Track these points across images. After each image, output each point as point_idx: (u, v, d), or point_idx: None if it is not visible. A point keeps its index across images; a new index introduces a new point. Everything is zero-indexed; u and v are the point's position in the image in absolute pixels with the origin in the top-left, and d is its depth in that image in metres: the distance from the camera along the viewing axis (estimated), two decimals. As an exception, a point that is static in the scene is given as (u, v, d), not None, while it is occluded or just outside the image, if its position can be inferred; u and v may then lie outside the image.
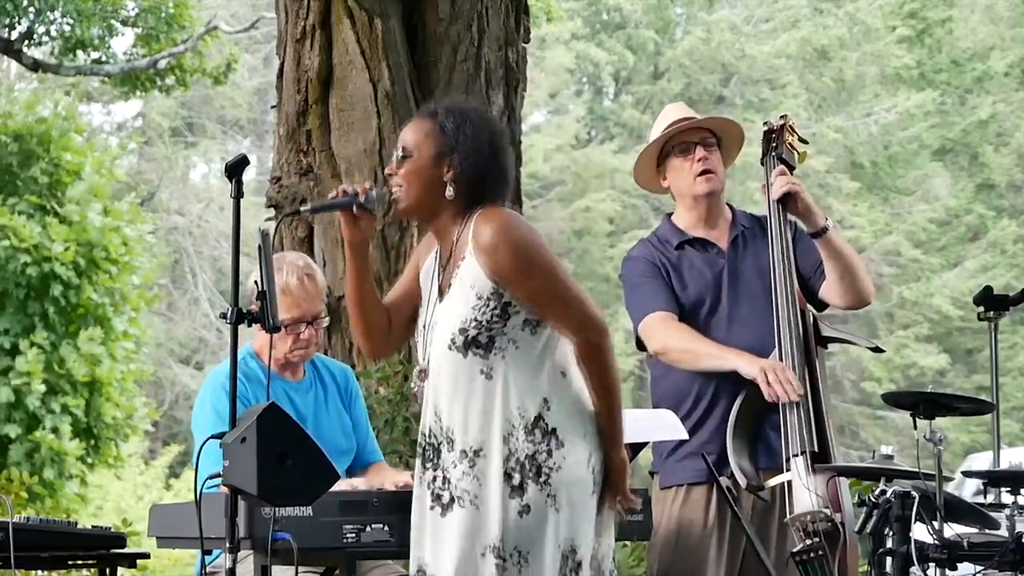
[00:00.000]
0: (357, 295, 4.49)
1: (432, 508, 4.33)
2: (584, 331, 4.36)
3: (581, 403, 4.38)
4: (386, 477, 5.32)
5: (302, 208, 4.55)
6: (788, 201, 5.54)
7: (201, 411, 5.18)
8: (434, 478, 4.34)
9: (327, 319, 5.42)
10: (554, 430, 4.31)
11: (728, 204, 5.73)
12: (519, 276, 4.30)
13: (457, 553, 4.25)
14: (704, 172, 5.58)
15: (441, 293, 4.43)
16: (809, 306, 5.62)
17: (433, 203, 4.39)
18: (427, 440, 4.38)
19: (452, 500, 4.30)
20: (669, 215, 5.76)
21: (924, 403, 5.20)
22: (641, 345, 5.60)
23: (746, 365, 5.34)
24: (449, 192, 4.37)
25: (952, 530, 5.12)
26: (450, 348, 4.33)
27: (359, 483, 5.14)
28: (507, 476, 4.27)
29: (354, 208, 4.40)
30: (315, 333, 5.33)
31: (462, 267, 4.35)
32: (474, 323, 4.31)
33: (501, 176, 4.43)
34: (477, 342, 4.31)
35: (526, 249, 4.32)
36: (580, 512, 4.31)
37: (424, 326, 4.45)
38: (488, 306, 4.32)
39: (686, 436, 5.38)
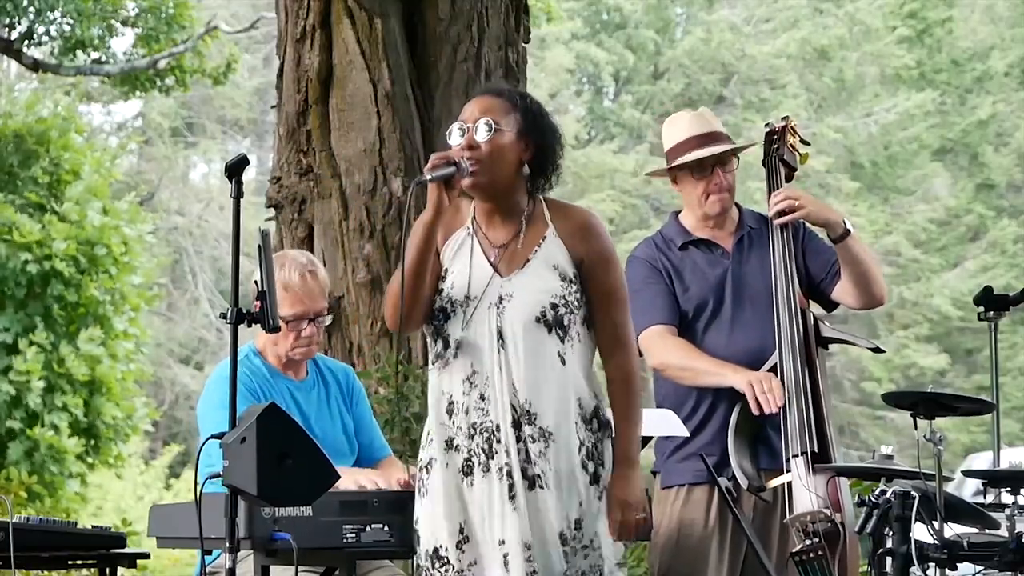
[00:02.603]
0: (423, 263, 4.43)
1: (522, 480, 4.34)
2: (630, 347, 4.48)
3: None
4: (394, 474, 5.30)
5: (425, 176, 4.39)
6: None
7: (208, 403, 5.17)
8: (519, 450, 4.34)
9: (329, 317, 5.41)
10: (607, 422, 4.44)
11: (736, 204, 5.72)
12: (603, 265, 4.43)
13: (540, 532, 4.30)
14: (719, 193, 5.57)
15: (497, 269, 4.42)
16: (814, 305, 5.62)
17: (510, 179, 4.44)
18: (511, 412, 4.35)
19: (535, 477, 4.33)
20: (677, 213, 5.75)
21: (924, 403, 5.20)
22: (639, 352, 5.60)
23: (739, 380, 5.37)
24: (524, 170, 4.44)
25: (952, 530, 5.12)
26: (538, 321, 4.35)
27: (361, 476, 5.12)
28: (583, 465, 4.35)
29: (455, 176, 4.40)
30: (316, 331, 5.31)
31: (543, 247, 4.41)
32: (563, 301, 4.37)
33: (560, 166, 4.52)
34: (561, 323, 4.36)
35: (610, 244, 4.49)
36: None
37: (467, 298, 4.41)
38: (571, 287, 4.40)
39: (687, 433, 5.39)
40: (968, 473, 6.07)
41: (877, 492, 5.11)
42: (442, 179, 4.37)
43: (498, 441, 4.34)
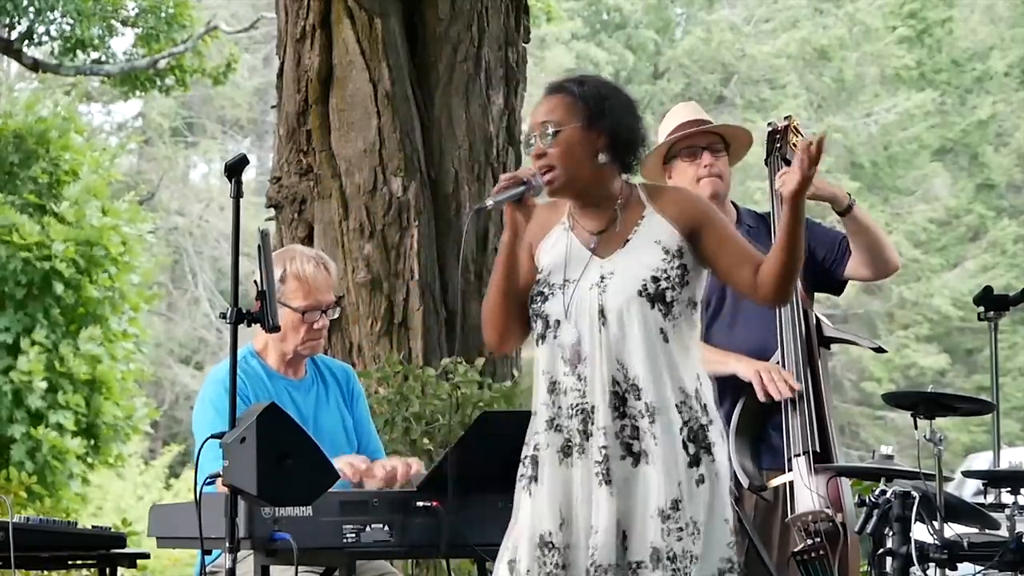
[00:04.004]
0: (507, 283, 4.39)
1: (624, 458, 4.26)
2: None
3: None
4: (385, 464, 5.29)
5: (487, 203, 4.34)
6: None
7: (201, 410, 5.17)
8: (623, 427, 4.27)
9: (338, 310, 5.40)
10: (706, 406, 4.33)
11: (732, 203, 5.72)
12: (714, 221, 4.38)
13: (641, 510, 4.23)
14: (709, 176, 5.57)
15: (596, 253, 4.37)
16: (816, 305, 5.62)
17: (590, 173, 4.37)
18: (611, 389, 4.28)
19: (641, 453, 4.26)
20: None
21: (924, 403, 5.20)
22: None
23: (744, 368, 5.36)
24: (602, 159, 4.37)
25: (952, 530, 5.12)
26: (641, 294, 4.28)
27: (358, 459, 5.11)
28: (684, 445, 4.26)
29: (525, 195, 4.34)
30: (327, 324, 5.31)
31: (642, 225, 4.36)
32: (665, 276, 4.31)
33: (644, 137, 4.45)
34: (664, 298, 4.30)
35: (710, 204, 4.50)
36: (724, 491, 4.32)
37: (566, 280, 4.36)
38: (675, 263, 4.33)
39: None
40: (968, 473, 6.07)
41: (877, 492, 5.11)
42: (509, 201, 4.32)
43: (593, 423, 4.28)
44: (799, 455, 5.32)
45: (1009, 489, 5.37)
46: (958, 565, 5.12)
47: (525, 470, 4.37)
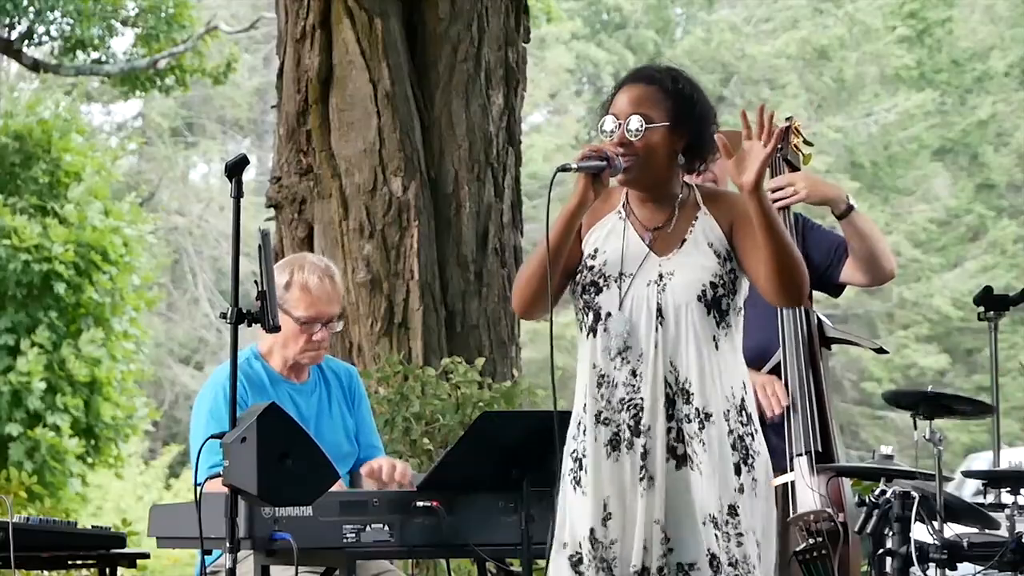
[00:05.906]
0: (556, 252, 4.30)
1: (668, 461, 4.21)
2: None
3: None
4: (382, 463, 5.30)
5: (572, 165, 4.23)
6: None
7: (198, 416, 5.17)
8: (668, 429, 4.22)
9: (341, 323, 5.39)
10: (751, 416, 4.29)
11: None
12: (750, 218, 4.26)
13: (688, 513, 4.18)
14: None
15: (655, 249, 4.32)
16: (817, 305, 5.61)
17: (664, 171, 4.34)
18: (663, 389, 4.24)
19: (685, 457, 4.21)
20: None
21: (924, 403, 5.20)
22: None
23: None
24: (681, 159, 4.34)
25: (952, 530, 5.12)
26: (700, 299, 4.25)
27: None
28: (730, 453, 4.23)
29: (605, 171, 4.28)
30: (327, 336, 5.30)
31: (696, 226, 4.32)
32: (721, 282, 4.28)
33: (715, 143, 4.40)
34: (720, 306, 4.27)
35: None
36: (769, 506, 4.28)
37: (622, 274, 4.30)
38: (726, 267, 4.29)
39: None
40: (968, 473, 6.08)
41: (877, 492, 5.11)
42: (590, 171, 4.25)
43: (643, 420, 4.24)
44: (800, 455, 5.32)
45: (1009, 489, 5.38)
46: (958, 565, 5.12)
47: (572, 464, 4.31)
